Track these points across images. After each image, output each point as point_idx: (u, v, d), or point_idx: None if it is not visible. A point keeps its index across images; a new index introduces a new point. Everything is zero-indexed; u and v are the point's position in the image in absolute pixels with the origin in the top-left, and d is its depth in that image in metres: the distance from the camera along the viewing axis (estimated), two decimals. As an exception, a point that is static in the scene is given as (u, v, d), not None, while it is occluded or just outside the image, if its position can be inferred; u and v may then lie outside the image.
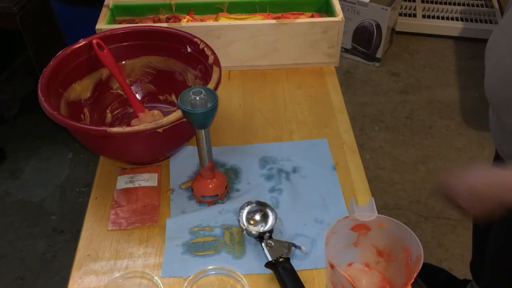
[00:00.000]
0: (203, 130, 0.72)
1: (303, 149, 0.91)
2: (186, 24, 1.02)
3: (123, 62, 0.95)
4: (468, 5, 2.64)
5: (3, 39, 1.91)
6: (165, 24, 1.01)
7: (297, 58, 1.08)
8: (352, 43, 2.39)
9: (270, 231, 0.74)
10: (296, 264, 0.72)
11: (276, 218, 0.76)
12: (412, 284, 0.63)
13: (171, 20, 1.10)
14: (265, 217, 0.77)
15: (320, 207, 0.81)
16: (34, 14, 1.60)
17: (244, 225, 0.75)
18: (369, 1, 2.23)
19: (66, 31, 1.67)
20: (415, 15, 2.59)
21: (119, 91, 0.96)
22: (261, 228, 0.75)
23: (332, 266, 0.63)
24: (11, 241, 1.69)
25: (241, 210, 0.77)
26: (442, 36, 2.56)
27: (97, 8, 1.07)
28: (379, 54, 2.36)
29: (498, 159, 0.95)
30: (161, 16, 1.11)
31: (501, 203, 0.69)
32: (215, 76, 0.82)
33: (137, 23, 1.10)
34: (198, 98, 0.67)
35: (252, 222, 0.76)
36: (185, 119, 0.73)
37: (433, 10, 2.62)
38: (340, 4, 1.09)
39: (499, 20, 2.51)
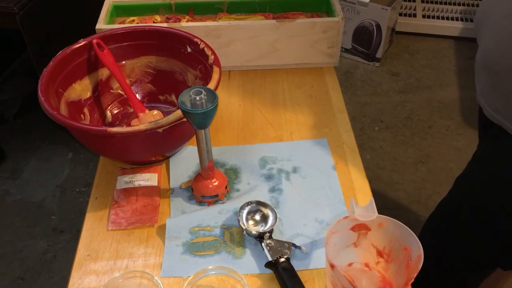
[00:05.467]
0: (203, 130, 0.72)
1: (303, 149, 0.91)
2: (186, 24, 1.02)
3: (123, 62, 0.95)
4: (468, 5, 2.64)
5: (3, 39, 1.91)
6: (165, 24, 1.01)
7: (297, 58, 1.08)
8: (352, 43, 2.39)
9: (270, 231, 0.74)
10: (296, 264, 0.72)
11: (276, 218, 0.76)
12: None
13: (171, 20, 1.10)
14: (265, 217, 0.77)
15: (320, 207, 0.81)
16: (34, 14, 1.60)
17: (244, 225, 0.75)
18: (369, 1, 2.23)
19: None
20: (415, 15, 2.59)
21: (119, 91, 0.96)
22: (261, 228, 0.75)
23: (332, 266, 0.63)
24: (11, 241, 1.69)
25: (241, 210, 0.77)
26: (442, 36, 2.56)
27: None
28: (379, 54, 2.36)
29: (482, 125, 0.97)
30: (160, 16, 1.11)
31: None
32: (215, 76, 0.82)
33: (137, 23, 1.10)
34: (198, 98, 0.67)
35: (252, 222, 0.76)
36: (185, 119, 0.73)
37: (433, 10, 2.62)
38: (340, 4, 1.09)
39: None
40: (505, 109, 0.82)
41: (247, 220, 0.76)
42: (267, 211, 0.77)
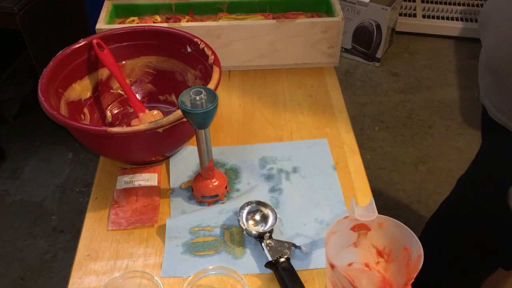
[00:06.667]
0: (203, 130, 0.72)
1: (303, 149, 0.91)
2: (186, 24, 1.02)
3: (123, 62, 0.95)
4: (468, 5, 2.64)
5: (3, 39, 1.91)
6: (165, 24, 1.01)
7: (297, 58, 1.08)
8: (352, 43, 2.39)
9: (270, 231, 0.74)
10: (296, 264, 0.72)
11: (276, 218, 0.76)
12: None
13: (171, 20, 1.10)
14: (265, 217, 0.77)
15: (320, 207, 0.81)
16: (34, 14, 1.60)
17: (244, 225, 0.75)
18: (369, 1, 2.23)
19: (92, 17, 1.64)
20: (415, 15, 2.59)
21: (119, 91, 0.96)
22: (261, 228, 0.75)
23: (332, 266, 0.63)
24: (11, 241, 1.69)
25: (241, 210, 0.77)
26: (442, 36, 2.56)
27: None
28: (379, 54, 2.36)
29: (486, 125, 0.98)
30: (160, 16, 1.11)
31: None
32: (215, 76, 0.82)
33: (137, 23, 1.10)
34: (198, 98, 0.67)
35: (252, 222, 0.76)
36: (185, 119, 0.73)
37: (433, 10, 2.62)
38: (340, 4, 1.09)
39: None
40: (509, 110, 0.82)
41: (247, 220, 0.76)
42: (267, 211, 0.77)
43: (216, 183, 0.80)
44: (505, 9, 0.80)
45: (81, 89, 0.91)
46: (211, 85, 0.80)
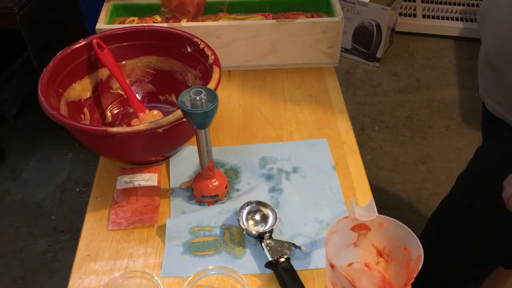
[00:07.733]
0: (203, 130, 0.72)
1: (303, 149, 0.91)
2: (186, 24, 1.02)
3: (123, 62, 0.95)
4: (468, 5, 2.64)
5: (3, 39, 1.92)
6: (165, 24, 1.01)
7: (297, 58, 1.08)
8: (352, 43, 2.39)
9: (270, 231, 0.74)
10: (296, 264, 0.72)
11: (276, 218, 0.76)
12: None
13: (171, 20, 1.10)
14: (265, 217, 0.77)
15: (320, 207, 0.81)
16: (34, 14, 1.60)
17: (244, 225, 0.75)
18: (369, 1, 2.23)
19: (89, 18, 1.64)
20: (415, 15, 2.59)
21: (119, 91, 0.96)
22: (261, 228, 0.75)
23: (332, 266, 0.63)
24: (11, 241, 1.69)
25: (241, 210, 0.77)
26: (442, 36, 2.57)
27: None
28: (379, 54, 2.36)
29: (485, 122, 0.98)
30: (160, 16, 1.11)
31: None
32: (215, 76, 0.82)
33: (137, 23, 1.10)
34: (198, 98, 0.67)
35: (252, 222, 0.76)
36: (185, 119, 0.73)
37: (433, 10, 2.62)
38: (340, 4, 1.09)
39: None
40: (508, 103, 0.83)
41: (247, 220, 0.76)
42: (267, 211, 0.77)
43: (216, 183, 0.80)
44: (503, 2, 0.80)
45: (81, 89, 0.91)
46: (211, 85, 0.80)
